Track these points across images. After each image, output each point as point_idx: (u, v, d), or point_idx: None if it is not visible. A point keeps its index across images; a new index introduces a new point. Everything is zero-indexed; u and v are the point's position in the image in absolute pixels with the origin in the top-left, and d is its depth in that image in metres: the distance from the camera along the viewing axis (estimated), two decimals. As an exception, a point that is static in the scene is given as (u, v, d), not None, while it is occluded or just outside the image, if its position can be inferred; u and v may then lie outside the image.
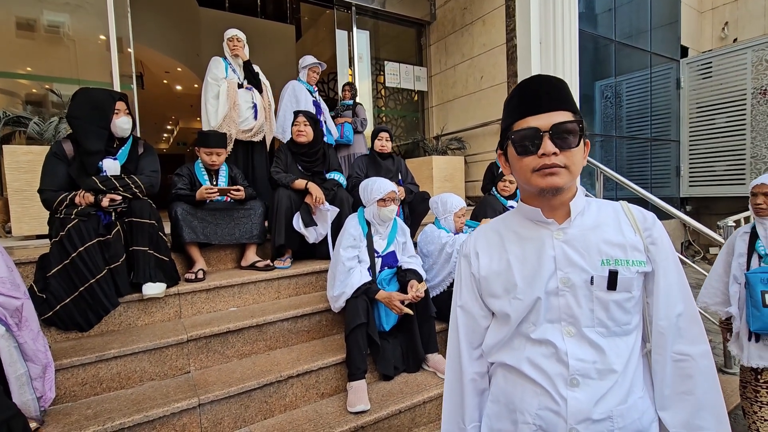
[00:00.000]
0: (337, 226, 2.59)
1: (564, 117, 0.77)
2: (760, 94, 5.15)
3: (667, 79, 5.83)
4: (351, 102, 4.26)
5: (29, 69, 3.51)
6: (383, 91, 5.45)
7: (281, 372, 1.95)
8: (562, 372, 0.79)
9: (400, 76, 5.47)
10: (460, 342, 0.93)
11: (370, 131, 3.96)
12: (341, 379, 2.12)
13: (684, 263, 3.11)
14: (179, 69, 7.66)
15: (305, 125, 2.89)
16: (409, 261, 2.43)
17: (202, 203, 2.53)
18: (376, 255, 2.33)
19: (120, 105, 2.19)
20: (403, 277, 2.32)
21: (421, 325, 2.24)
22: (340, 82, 5.03)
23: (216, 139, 2.66)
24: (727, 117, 5.49)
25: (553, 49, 3.96)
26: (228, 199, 2.63)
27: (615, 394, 0.78)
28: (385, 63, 5.38)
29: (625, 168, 5.39)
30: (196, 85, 8.27)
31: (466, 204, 2.66)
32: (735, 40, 5.83)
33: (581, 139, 0.79)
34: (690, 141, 5.92)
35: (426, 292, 2.24)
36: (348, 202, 2.87)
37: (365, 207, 2.38)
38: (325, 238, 2.81)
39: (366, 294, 2.14)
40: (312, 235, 2.75)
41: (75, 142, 2.12)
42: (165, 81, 8.50)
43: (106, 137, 2.15)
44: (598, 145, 5.11)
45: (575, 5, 4.02)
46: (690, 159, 5.95)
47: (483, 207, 3.12)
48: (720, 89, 5.56)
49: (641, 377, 0.82)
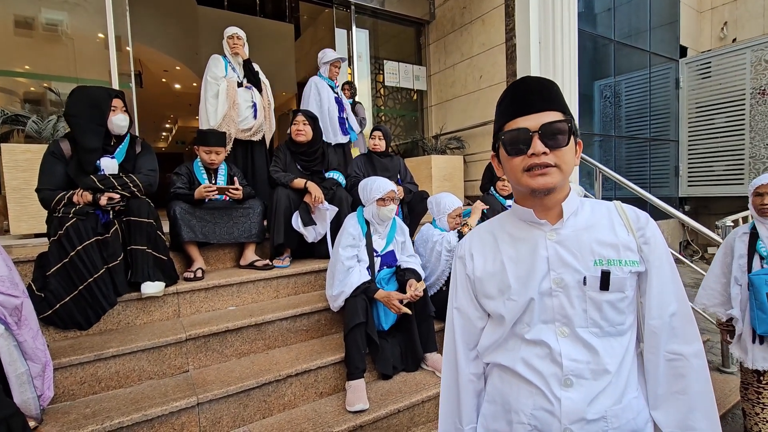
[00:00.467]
0: (336, 225, 2.59)
1: (553, 117, 0.78)
2: (759, 94, 5.15)
3: (667, 79, 5.84)
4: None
5: (27, 67, 3.50)
6: (382, 90, 5.45)
7: (280, 371, 1.95)
8: (556, 372, 0.79)
9: (399, 75, 5.46)
10: (456, 343, 0.93)
11: (369, 130, 3.95)
12: (340, 379, 2.12)
13: (682, 263, 3.12)
14: (178, 68, 7.65)
15: (304, 124, 2.89)
16: (408, 260, 2.43)
17: (200, 202, 2.53)
18: (375, 254, 2.33)
19: (117, 102, 2.18)
20: (402, 277, 2.32)
21: (420, 325, 2.25)
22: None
23: (215, 138, 2.66)
24: (726, 117, 5.50)
25: (553, 49, 3.96)
26: (227, 198, 2.62)
27: (609, 394, 0.78)
28: (385, 62, 5.37)
29: (624, 168, 5.39)
30: (194, 84, 8.25)
31: (462, 203, 2.65)
32: (734, 40, 5.84)
33: (571, 138, 0.79)
34: (689, 141, 5.93)
35: (425, 291, 2.24)
36: (347, 201, 2.87)
37: (364, 206, 2.38)
38: (324, 237, 2.81)
39: (365, 293, 2.15)
40: (311, 235, 2.75)
41: (72, 141, 2.12)
42: (164, 80, 8.49)
43: (103, 134, 2.14)
44: (597, 145, 5.11)
45: (574, 5, 4.02)
46: (689, 159, 5.95)
47: (482, 206, 3.12)
48: (719, 89, 5.57)
49: (636, 377, 0.82)
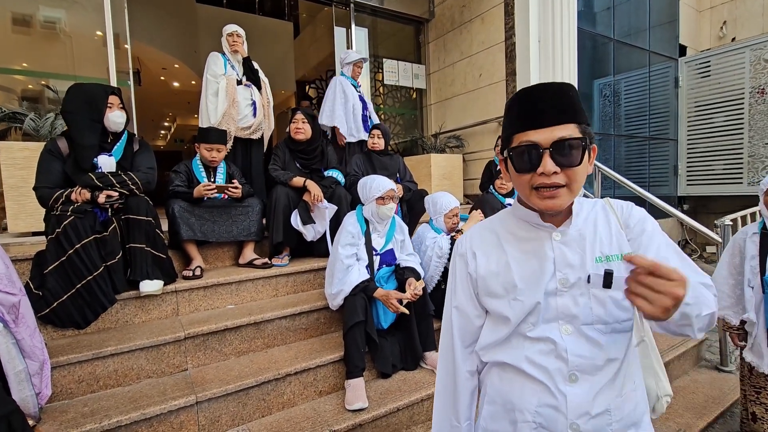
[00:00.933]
0: (336, 223, 2.58)
1: (567, 132, 0.73)
2: (758, 93, 5.15)
3: (666, 78, 5.83)
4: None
5: (25, 65, 3.48)
6: (381, 89, 5.43)
7: (279, 370, 1.95)
8: (561, 368, 0.79)
9: (398, 73, 5.44)
10: (454, 342, 0.93)
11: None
12: (339, 377, 2.11)
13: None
14: (176, 65, 7.61)
15: (303, 122, 2.88)
16: (408, 259, 2.43)
17: (199, 200, 2.52)
18: (374, 253, 2.33)
19: (113, 99, 2.17)
20: (402, 275, 2.32)
21: (419, 323, 2.24)
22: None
23: (217, 135, 2.67)
24: (725, 116, 5.50)
25: (552, 48, 3.95)
26: (225, 197, 2.62)
27: (612, 387, 0.79)
28: (384, 60, 5.36)
29: (624, 167, 5.39)
30: (193, 82, 8.22)
31: (460, 203, 2.64)
32: (733, 39, 5.84)
33: (585, 155, 0.75)
34: (688, 140, 5.93)
35: (424, 289, 2.24)
36: (346, 199, 2.87)
37: (364, 205, 2.37)
38: (324, 235, 2.81)
39: (364, 292, 2.14)
40: (310, 233, 2.74)
41: (70, 139, 2.11)
42: (162, 78, 8.45)
43: (99, 131, 2.14)
44: (596, 144, 5.10)
45: (574, 3, 4.01)
46: (688, 158, 5.95)
47: (481, 205, 3.11)
48: (718, 88, 5.57)
49: (635, 369, 0.84)
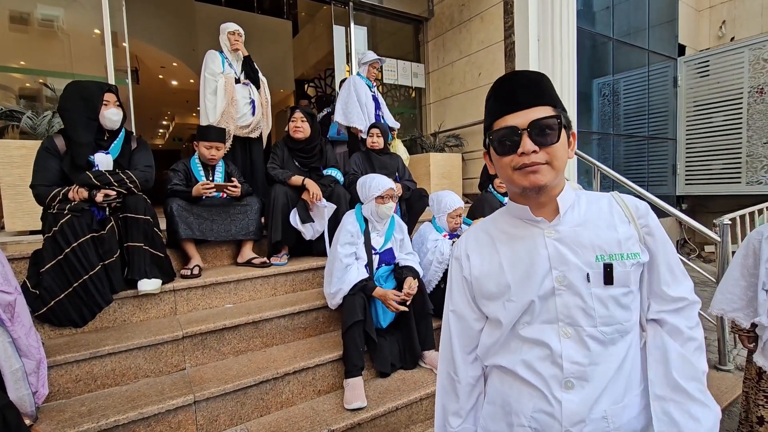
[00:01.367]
0: (334, 222, 2.57)
1: (543, 113, 0.75)
2: (756, 92, 5.16)
3: (665, 78, 5.84)
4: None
5: (23, 63, 3.47)
6: (381, 88, 5.42)
7: (278, 369, 1.94)
8: (556, 374, 0.77)
9: (397, 72, 5.43)
10: (453, 347, 0.92)
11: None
12: (338, 377, 2.11)
13: (680, 261, 3.11)
14: (175, 64, 7.59)
15: (302, 121, 2.87)
16: (406, 258, 2.42)
17: (198, 199, 2.51)
18: (373, 252, 2.32)
19: (109, 96, 2.16)
20: (401, 274, 2.31)
21: (419, 322, 2.24)
22: (337, 78, 5.00)
23: (216, 133, 2.67)
24: (724, 115, 5.50)
25: (551, 47, 3.95)
26: (224, 196, 2.61)
27: (610, 394, 0.77)
28: (383, 59, 5.35)
29: (623, 166, 5.39)
30: (192, 80, 8.20)
31: (462, 203, 2.63)
32: (732, 38, 5.84)
33: (562, 133, 0.76)
34: (687, 139, 5.93)
35: (422, 288, 2.23)
36: (345, 198, 2.86)
37: (363, 204, 2.37)
38: (322, 234, 2.80)
39: (363, 291, 2.14)
40: (309, 232, 2.73)
41: (67, 136, 2.09)
42: (160, 76, 8.42)
43: (95, 129, 2.13)
44: (595, 143, 5.11)
45: (573, 3, 4.01)
46: (687, 157, 5.96)
47: (480, 204, 3.11)
48: (717, 88, 5.57)
49: (639, 374, 0.81)
